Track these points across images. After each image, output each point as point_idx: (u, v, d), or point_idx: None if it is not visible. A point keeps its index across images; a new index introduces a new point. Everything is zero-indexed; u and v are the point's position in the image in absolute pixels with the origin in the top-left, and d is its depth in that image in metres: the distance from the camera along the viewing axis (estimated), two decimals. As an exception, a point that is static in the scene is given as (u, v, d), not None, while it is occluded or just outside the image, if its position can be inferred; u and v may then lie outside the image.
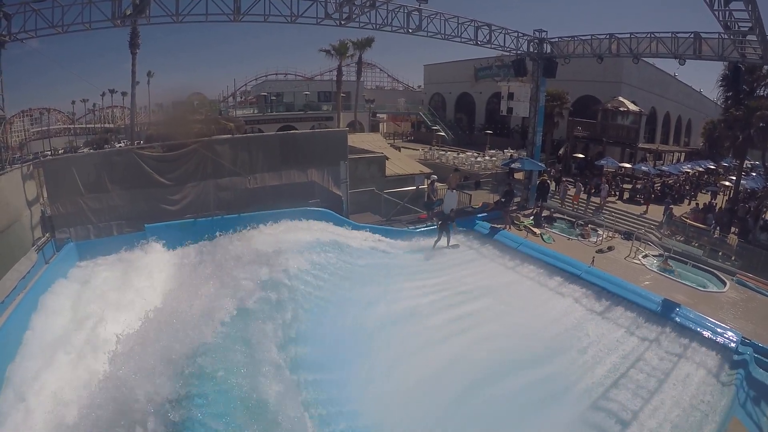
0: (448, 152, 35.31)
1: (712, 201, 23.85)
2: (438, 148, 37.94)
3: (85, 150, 34.97)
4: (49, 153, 38.30)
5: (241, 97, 54.22)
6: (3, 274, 10.86)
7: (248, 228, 15.13)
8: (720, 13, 13.78)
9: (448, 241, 16.77)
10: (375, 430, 8.79)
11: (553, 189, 24.80)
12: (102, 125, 51.25)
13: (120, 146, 29.98)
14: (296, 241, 14.47)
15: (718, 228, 19.31)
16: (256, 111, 45.88)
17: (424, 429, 8.97)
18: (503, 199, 19.47)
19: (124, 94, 48.81)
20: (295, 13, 16.33)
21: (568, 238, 17.65)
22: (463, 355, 11.22)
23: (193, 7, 15.07)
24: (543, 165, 22.99)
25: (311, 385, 9.31)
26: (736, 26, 14.08)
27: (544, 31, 20.84)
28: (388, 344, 11.32)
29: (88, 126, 52.01)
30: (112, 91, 52.89)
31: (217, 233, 15.15)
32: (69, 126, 52.05)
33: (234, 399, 8.02)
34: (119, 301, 12.04)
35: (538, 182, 21.37)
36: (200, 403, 7.72)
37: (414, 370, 10.56)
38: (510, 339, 12.00)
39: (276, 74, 55.63)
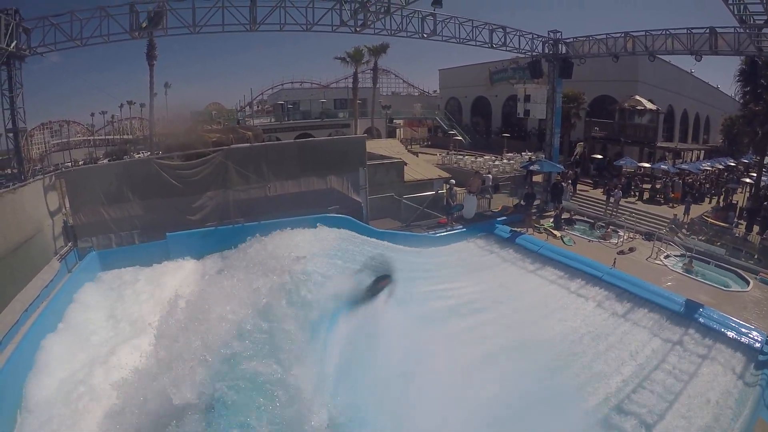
0: (466, 156, 35.14)
1: (732, 199, 23.37)
2: (455, 152, 37.74)
3: (105, 161, 35.50)
4: (69, 164, 38.89)
5: (258, 106, 54.49)
6: (26, 283, 11.02)
7: (268, 235, 15.14)
8: (735, 6, 13.74)
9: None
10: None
11: (572, 191, 24.51)
12: (121, 136, 51.96)
13: (139, 156, 30.37)
14: (316, 248, 14.49)
15: (738, 225, 18.94)
16: (273, 120, 45.96)
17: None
18: (524, 202, 19.34)
19: (142, 105, 49.48)
20: (311, 21, 16.50)
21: (589, 240, 17.48)
22: (482, 360, 11.14)
23: (210, 17, 15.34)
24: (561, 167, 22.78)
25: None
26: (752, 20, 13.97)
27: (559, 32, 20.84)
28: (403, 350, 11.28)
29: (107, 137, 52.73)
30: (130, 103, 53.56)
31: (238, 241, 15.15)
32: (88, 138, 52.82)
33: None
34: (141, 308, 12.21)
35: (552, 184, 21.18)
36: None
37: (428, 377, 10.52)
38: (532, 342, 11.93)
39: (292, 83, 56.00)
